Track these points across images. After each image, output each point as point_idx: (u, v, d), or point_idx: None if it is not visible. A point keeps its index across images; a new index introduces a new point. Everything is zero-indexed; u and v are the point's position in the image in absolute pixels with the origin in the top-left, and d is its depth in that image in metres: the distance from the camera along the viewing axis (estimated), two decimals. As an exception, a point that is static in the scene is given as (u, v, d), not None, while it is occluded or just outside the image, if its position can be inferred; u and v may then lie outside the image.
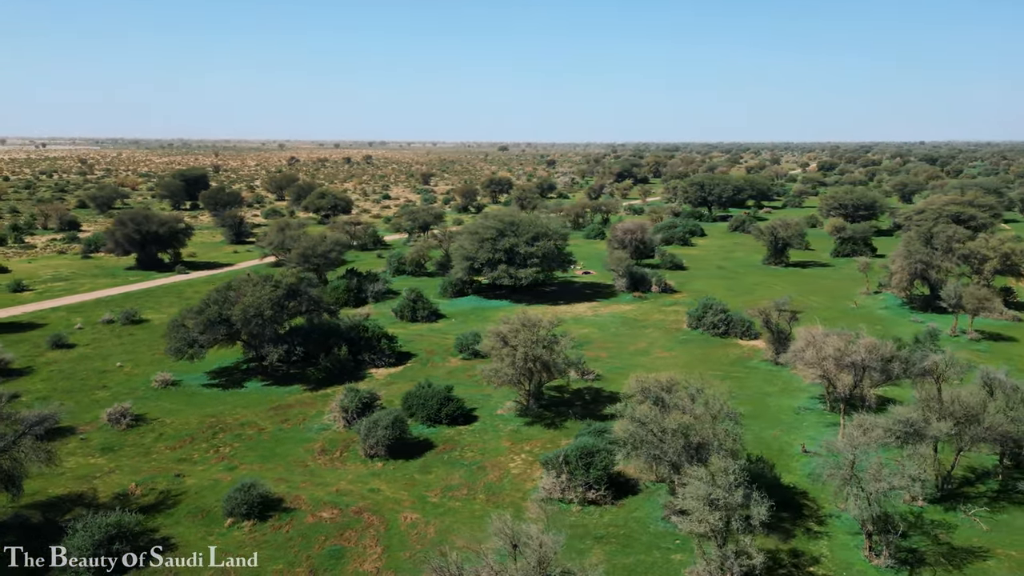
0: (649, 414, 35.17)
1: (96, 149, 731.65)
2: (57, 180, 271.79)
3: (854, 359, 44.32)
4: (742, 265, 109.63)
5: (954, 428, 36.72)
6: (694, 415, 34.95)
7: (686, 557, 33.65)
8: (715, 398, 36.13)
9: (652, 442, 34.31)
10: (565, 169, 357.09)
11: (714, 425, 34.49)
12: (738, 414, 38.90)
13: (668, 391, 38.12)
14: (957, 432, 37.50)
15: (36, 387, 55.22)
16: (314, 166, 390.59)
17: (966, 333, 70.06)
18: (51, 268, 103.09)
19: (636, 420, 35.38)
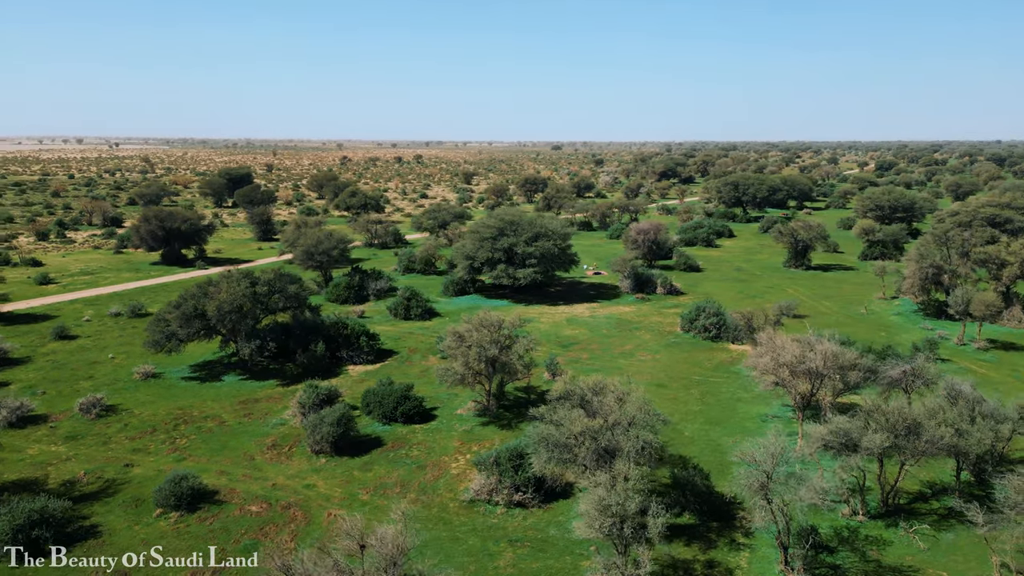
0: (565, 417, 34.69)
1: (164, 148, 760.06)
2: (117, 178, 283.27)
3: (809, 366, 42.72)
4: (763, 268, 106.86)
5: (889, 441, 34.99)
6: (607, 419, 34.28)
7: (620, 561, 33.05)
8: (635, 402, 35.34)
9: (563, 445, 33.80)
10: (611, 168, 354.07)
11: (627, 430, 33.74)
12: (666, 419, 38.06)
13: (598, 394, 37.49)
14: (895, 444, 35.76)
15: (28, 376, 57.75)
16: (364, 165, 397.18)
17: (974, 342, 66.69)
18: (82, 262, 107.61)
19: (551, 423, 34.94)
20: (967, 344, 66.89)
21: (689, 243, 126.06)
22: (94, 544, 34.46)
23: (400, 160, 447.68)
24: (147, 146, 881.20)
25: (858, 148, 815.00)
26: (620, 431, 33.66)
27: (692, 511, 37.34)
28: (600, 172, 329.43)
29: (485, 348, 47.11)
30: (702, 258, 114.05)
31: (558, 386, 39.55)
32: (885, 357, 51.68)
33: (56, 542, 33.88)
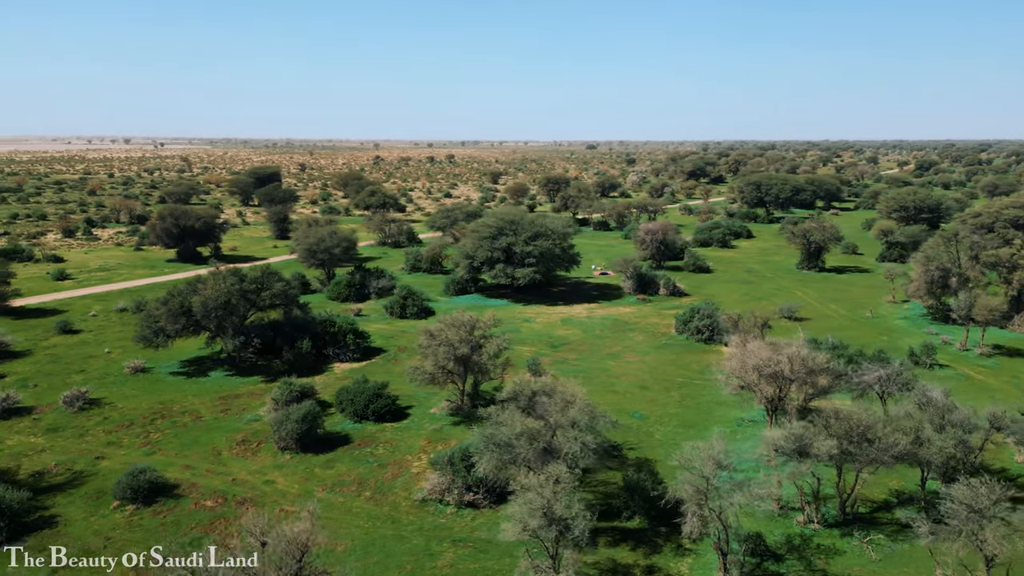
0: (507, 418, 34.51)
1: (206, 148, 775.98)
2: (155, 177, 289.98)
3: (775, 370, 41.80)
4: (775, 269, 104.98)
5: (839, 447, 34.06)
6: (547, 421, 34.00)
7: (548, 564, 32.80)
8: (578, 405, 34.99)
9: (505, 446, 33.62)
10: (642, 167, 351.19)
11: (566, 432, 33.42)
12: (615, 422, 37.65)
13: (549, 395, 37.20)
14: (847, 451, 34.81)
15: (24, 369, 59.44)
16: (395, 165, 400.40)
17: (978, 347, 64.54)
18: (102, 259, 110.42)
19: (496, 423, 34.79)
20: (970, 349, 64.80)
21: (704, 244, 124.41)
22: (49, 534, 35.33)
23: (432, 160, 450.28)
24: (190, 146, 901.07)
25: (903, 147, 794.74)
26: (560, 433, 33.34)
27: (642, 515, 36.85)
28: (630, 171, 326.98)
29: (455, 347, 47.09)
30: (715, 259, 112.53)
31: (508, 387, 39.36)
32: (859, 362, 50.35)
33: (12, 532, 34.78)
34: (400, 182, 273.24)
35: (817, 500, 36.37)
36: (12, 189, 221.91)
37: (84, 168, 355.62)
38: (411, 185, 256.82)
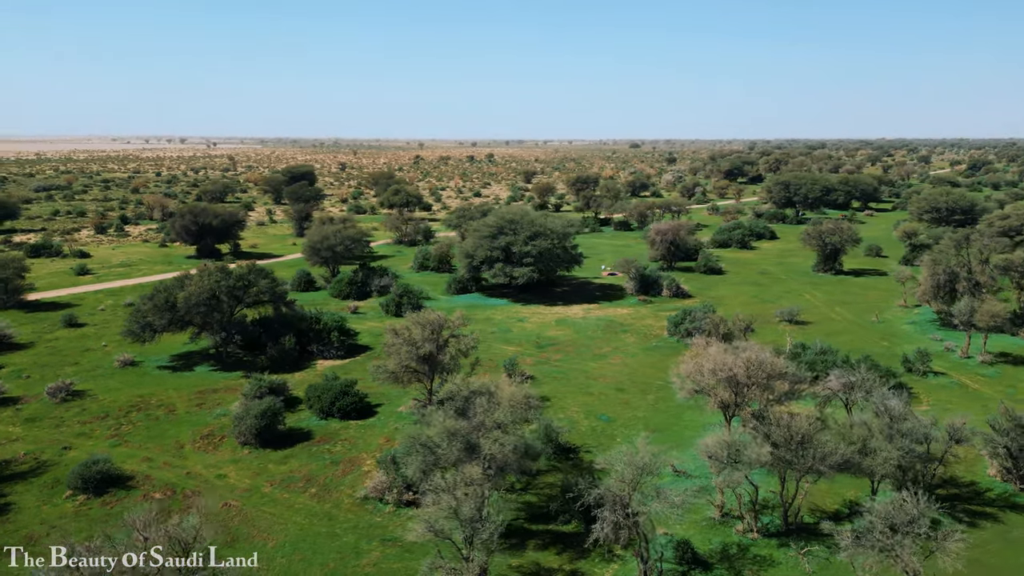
0: (433, 418, 34.43)
1: (256, 148, 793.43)
2: (200, 176, 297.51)
3: (729, 374, 40.80)
4: (791, 271, 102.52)
5: (769, 456, 33.07)
6: (471, 421, 33.81)
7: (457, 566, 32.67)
8: (506, 406, 34.70)
9: (429, 446, 33.55)
10: (681, 167, 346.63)
11: (488, 433, 33.19)
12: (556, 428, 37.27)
13: (489, 396, 37.00)
14: (783, 459, 33.78)
15: (22, 360, 61.63)
16: (434, 164, 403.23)
17: (980, 355, 61.96)
18: (126, 255, 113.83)
19: (425, 423, 34.72)
20: (972, 357, 62.27)
21: (723, 244, 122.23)
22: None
23: (472, 159, 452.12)
24: (241, 145, 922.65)
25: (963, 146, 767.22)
26: (481, 434, 33.14)
27: (579, 519, 36.35)
28: (668, 171, 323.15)
29: (417, 346, 47.17)
30: (732, 260, 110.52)
31: (446, 387, 39.27)
32: (827, 369, 48.80)
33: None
34: (435, 181, 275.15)
35: (755, 509, 35.40)
36: (61, 187, 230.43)
37: (135, 167, 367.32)
38: (444, 184, 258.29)
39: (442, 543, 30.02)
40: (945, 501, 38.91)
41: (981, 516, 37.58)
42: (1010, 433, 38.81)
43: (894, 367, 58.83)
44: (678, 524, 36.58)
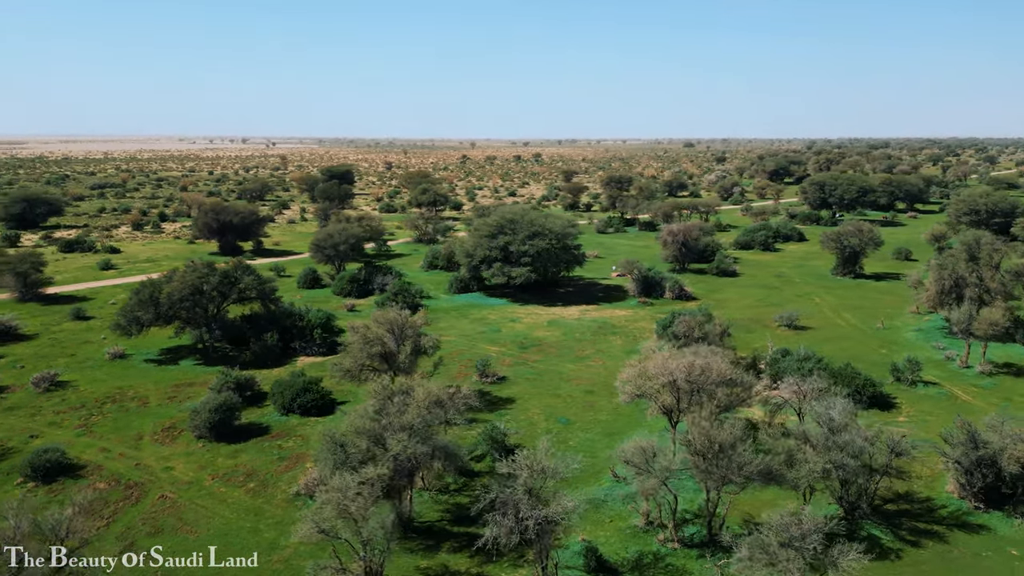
0: (348, 418, 34.55)
1: (312, 147, 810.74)
2: (250, 175, 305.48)
3: (669, 379, 39.82)
4: (808, 275, 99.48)
5: (681, 464, 32.10)
6: (383, 424, 33.80)
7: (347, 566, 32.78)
8: (415, 408, 34.57)
9: (340, 444, 33.71)
10: (729, 166, 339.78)
11: (395, 434, 33.13)
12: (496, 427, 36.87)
13: (405, 395, 36.95)
14: (700, 468, 32.77)
15: (23, 351, 64.29)
16: (479, 164, 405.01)
17: (979, 365, 58.96)
18: (154, 251, 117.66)
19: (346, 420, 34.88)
20: (971, 366, 59.32)
21: (745, 246, 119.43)
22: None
23: (519, 159, 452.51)
24: (300, 145, 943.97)
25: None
26: (391, 433, 33.11)
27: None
28: (714, 170, 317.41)
29: (371, 344, 47.45)
30: (751, 262, 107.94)
31: (370, 387, 39.34)
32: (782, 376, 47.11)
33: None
34: (476, 180, 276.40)
35: (674, 518, 34.44)
36: (115, 185, 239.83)
37: (192, 166, 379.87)
38: (483, 184, 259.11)
39: (337, 543, 30.11)
40: (894, 517, 37.30)
41: (926, 534, 35.77)
42: (962, 447, 36.78)
43: (883, 376, 56.66)
44: (602, 531, 36.08)
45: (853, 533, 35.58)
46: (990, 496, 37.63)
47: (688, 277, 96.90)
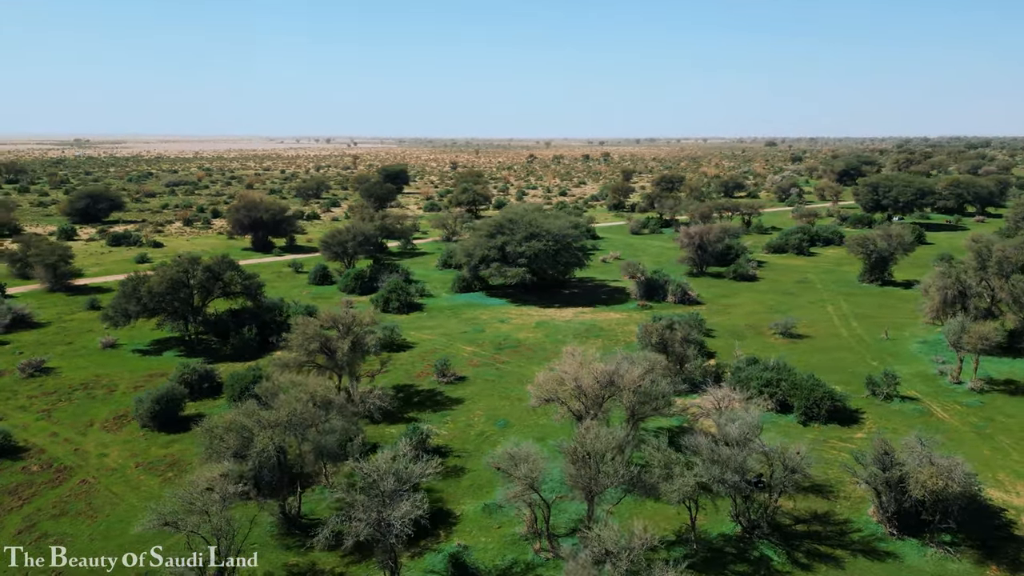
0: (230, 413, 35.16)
1: (392, 147, 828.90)
2: (321, 174, 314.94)
3: (575, 384, 38.80)
4: (835, 281, 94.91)
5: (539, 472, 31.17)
6: (254, 420, 34.23)
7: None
8: (288, 404, 34.88)
9: (219, 436, 34.36)
10: (800, 166, 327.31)
11: (265, 431, 33.51)
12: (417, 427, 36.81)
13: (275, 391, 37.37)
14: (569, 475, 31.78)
15: (29, 338, 68.25)
16: (545, 163, 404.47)
17: (971, 381, 54.87)
18: (193, 246, 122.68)
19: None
20: (963, 383, 55.27)
21: (778, 250, 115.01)
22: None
23: (587, 158, 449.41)
24: (380, 144, 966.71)
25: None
26: (260, 429, 33.53)
27: (383, 523, 35.89)
28: (785, 170, 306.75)
29: (310, 340, 48.19)
30: (778, 267, 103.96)
31: (263, 384, 39.83)
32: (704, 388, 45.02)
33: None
34: (534, 180, 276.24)
35: (547, 527, 33.50)
36: (190, 183, 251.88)
37: (269, 164, 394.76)
38: (539, 183, 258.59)
39: (193, 538, 30.72)
40: (800, 538, 35.21)
41: (825, 558, 33.59)
42: (871, 468, 34.31)
43: (857, 389, 53.60)
44: (486, 537, 35.57)
45: (744, 552, 33.89)
46: (908, 522, 34.99)
47: (703, 281, 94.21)
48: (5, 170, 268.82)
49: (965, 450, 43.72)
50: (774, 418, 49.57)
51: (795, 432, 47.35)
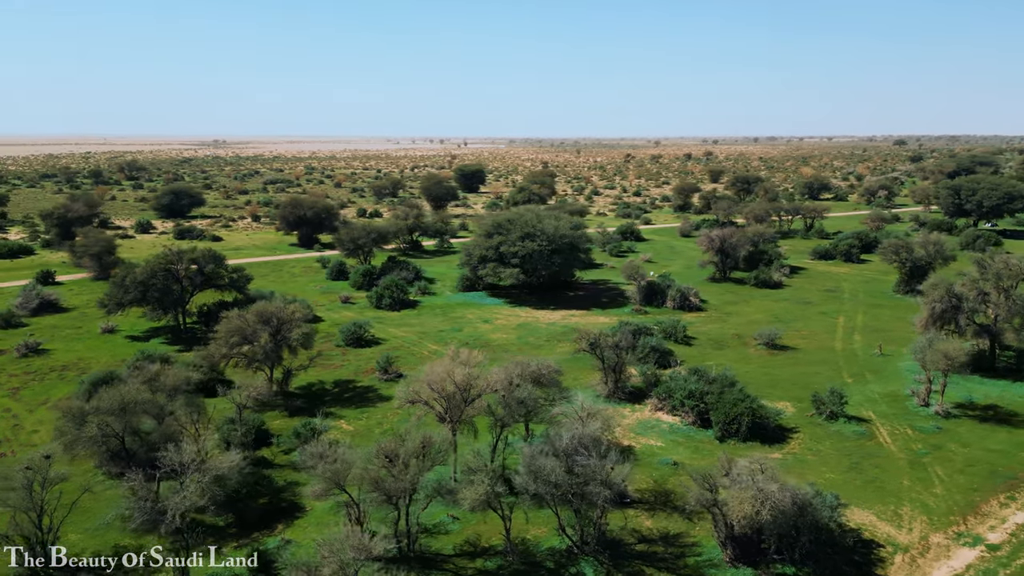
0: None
1: (501, 148, 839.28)
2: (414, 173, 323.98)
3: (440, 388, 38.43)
4: (869, 291, 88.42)
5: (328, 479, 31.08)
6: (91, 406, 36.02)
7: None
8: (111, 393, 36.44)
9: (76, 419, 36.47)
10: (910, 167, 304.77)
11: (96, 416, 35.21)
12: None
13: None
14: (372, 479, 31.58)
15: (50, 322, 74.12)
16: (640, 162, 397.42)
17: (937, 405, 49.79)
18: (251, 241, 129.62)
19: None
20: (930, 405, 50.26)
21: (825, 256, 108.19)
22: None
23: (688, 157, 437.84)
24: (491, 145, 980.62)
25: None
26: (92, 416, 35.30)
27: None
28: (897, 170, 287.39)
29: (231, 333, 50.11)
30: (815, 274, 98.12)
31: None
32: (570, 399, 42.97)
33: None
34: (618, 179, 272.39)
35: (362, 528, 33.30)
36: (285, 181, 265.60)
37: (371, 164, 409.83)
38: (621, 183, 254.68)
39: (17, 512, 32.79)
40: (633, 558, 33.43)
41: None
42: (699, 489, 31.95)
43: (809, 407, 49.96)
44: (318, 534, 35.82)
45: (561, 568, 32.54)
46: (748, 549, 32.36)
47: (722, 287, 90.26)
48: (128, 168, 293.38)
49: (887, 479, 40.25)
50: (693, 432, 47.11)
51: (708, 448, 44.83)
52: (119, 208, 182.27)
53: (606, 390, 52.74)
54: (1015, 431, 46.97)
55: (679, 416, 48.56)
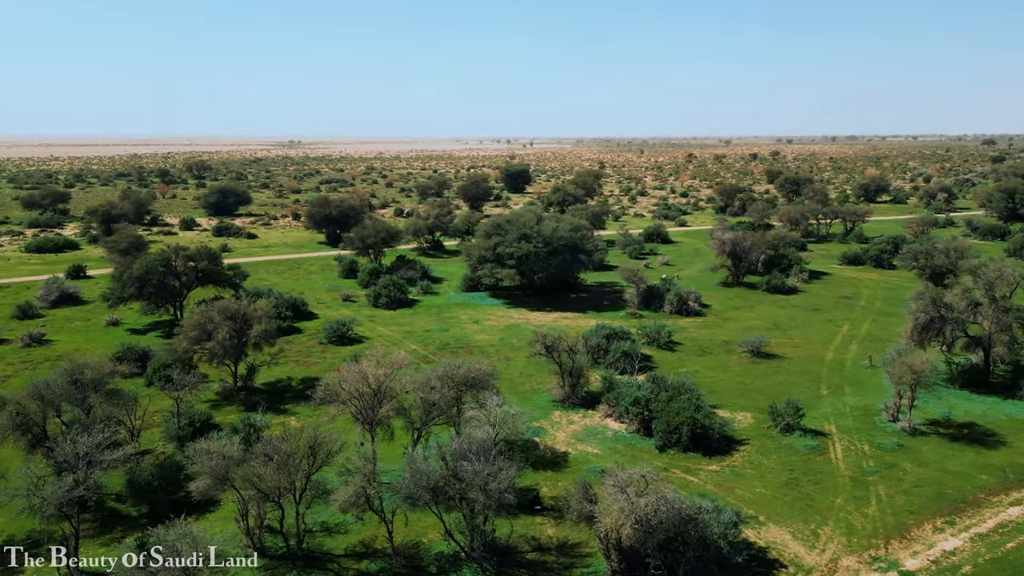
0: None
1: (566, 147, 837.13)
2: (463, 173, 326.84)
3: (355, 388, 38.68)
4: (890, 299, 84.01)
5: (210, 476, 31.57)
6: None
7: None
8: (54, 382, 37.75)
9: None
10: (988, 168, 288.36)
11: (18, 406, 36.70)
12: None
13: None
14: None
15: (65, 314, 77.95)
16: (700, 162, 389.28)
17: (906, 420, 47.01)
18: (281, 238, 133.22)
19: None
20: (898, 420, 47.52)
21: (854, 261, 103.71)
22: None
23: (754, 157, 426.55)
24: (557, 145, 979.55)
25: None
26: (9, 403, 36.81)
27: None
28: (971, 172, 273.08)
29: (192, 328, 51.58)
30: (839, 280, 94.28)
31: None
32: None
33: None
34: (671, 180, 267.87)
35: (249, 524, 33.75)
36: (340, 180, 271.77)
37: (431, 164, 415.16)
38: (672, 183, 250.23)
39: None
40: (520, 567, 32.83)
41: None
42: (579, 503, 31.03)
43: (765, 419, 48.02)
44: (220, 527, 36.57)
45: (442, 574, 32.23)
46: (633, 563, 31.26)
47: (731, 292, 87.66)
48: (196, 167, 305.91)
49: (820, 497, 38.40)
50: (635, 441, 45.92)
51: (646, 458, 43.48)
52: (176, 206, 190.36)
53: (562, 394, 51.90)
54: (985, 452, 43.88)
55: (625, 423, 47.39)
